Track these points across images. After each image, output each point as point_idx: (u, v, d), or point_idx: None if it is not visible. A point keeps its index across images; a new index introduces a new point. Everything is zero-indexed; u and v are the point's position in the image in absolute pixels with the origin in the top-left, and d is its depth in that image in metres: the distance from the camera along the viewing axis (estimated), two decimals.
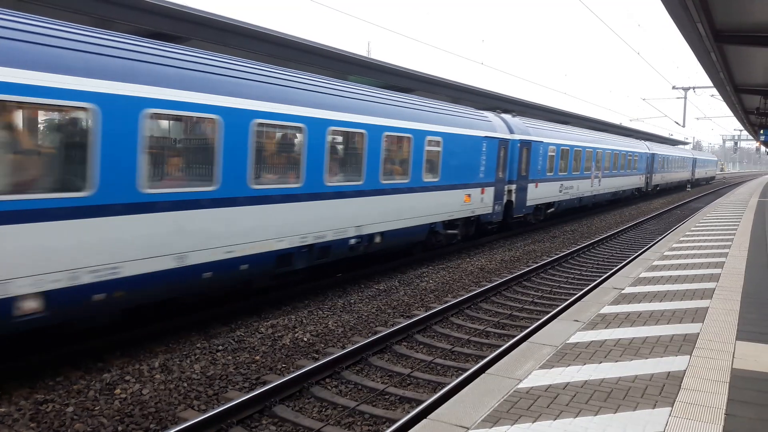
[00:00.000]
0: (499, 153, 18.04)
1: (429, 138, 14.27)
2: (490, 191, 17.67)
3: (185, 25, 11.50)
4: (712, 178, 78.90)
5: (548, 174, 22.17)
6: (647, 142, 41.31)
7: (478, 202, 17.08)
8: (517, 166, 19.48)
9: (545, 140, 21.60)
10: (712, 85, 19.95)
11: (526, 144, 20.14)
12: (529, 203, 20.78)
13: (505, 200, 18.91)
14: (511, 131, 19.19)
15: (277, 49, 13.65)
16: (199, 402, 6.93)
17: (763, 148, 55.43)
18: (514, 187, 19.50)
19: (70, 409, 6.47)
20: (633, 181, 35.75)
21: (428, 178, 14.44)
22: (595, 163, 27.62)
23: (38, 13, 8.06)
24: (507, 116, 20.02)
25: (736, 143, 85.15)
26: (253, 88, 9.36)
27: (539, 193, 21.59)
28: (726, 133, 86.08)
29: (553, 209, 23.49)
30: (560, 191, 23.63)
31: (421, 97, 15.66)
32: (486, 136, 17.10)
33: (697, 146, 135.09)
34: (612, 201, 33.42)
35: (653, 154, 40.26)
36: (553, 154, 22.34)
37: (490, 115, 18.64)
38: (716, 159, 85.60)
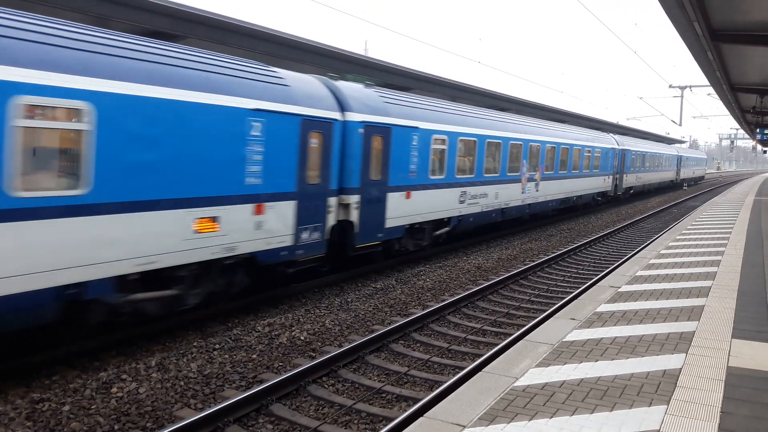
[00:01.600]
0: (303, 142, 10.56)
1: None
2: (279, 209, 10.14)
3: (183, 23, 11.49)
4: (701, 178, 71.32)
5: (434, 177, 14.91)
6: (617, 136, 34.64)
7: (247, 228, 9.51)
8: (358, 164, 12.03)
9: (425, 125, 14.34)
10: (708, 83, 20.01)
11: (381, 130, 12.69)
12: (392, 223, 13.28)
13: (331, 222, 11.58)
14: (344, 107, 11.84)
15: (276, 47, 13.66)
16: (196, 401, 6.93)
17: (759, 147, 55.60)
18: (354, 199, 12.02)
19: (67, 408, 6.46)
20: (594, 183, 28.56)
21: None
22: (530, 160, 20.67)
23: (37, 11, 8.03)
24: (344, 84, 12.41)
25: (732, 142, 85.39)
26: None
27: (415, 206, 14.14)
28: (722, 131, 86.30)
29: (447, 228, 15.94)
30: (461, 202, 16.29)
31: None
32: (260, 111, 9.54)
33: (694, 144, 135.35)
34: (563, 209, 26.65)
35: (624, 150, 33.53)
36: (442, 147, 15.17)
37: (286, 73, 10.81)
38: (705, 156, 76.06)
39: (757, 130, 29.94)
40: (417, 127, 13.99)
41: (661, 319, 7.62)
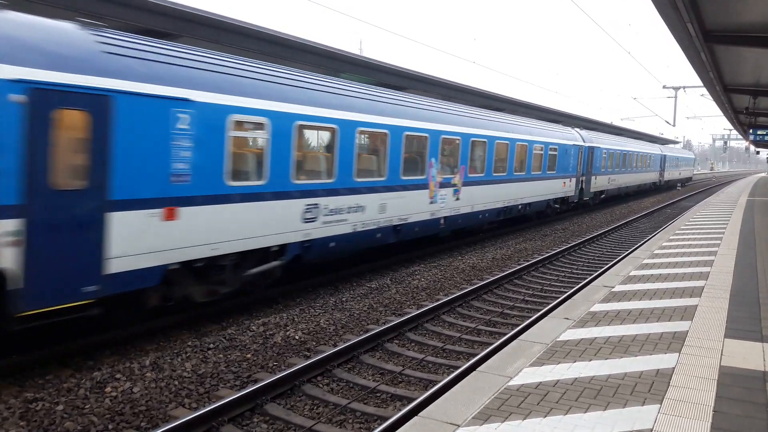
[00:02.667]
0: None
1: None
2: None
3: (178, 22, 11.47)
4: (689, 179, 65.39)
5: (240, 183, 9.50)
6: (584, 131, 29.11)
7: None
8: (13, 162, 6.75)
9: (212, 98, 8.89)
10: (702, 84, 20.09)
11: (87, 99, 7.38)
12: (125, 264, 7.89)
13: None
14: None
15: (271, 47, 13.65)
16: (190, 400, 6.92)
17: (752, 148, 55.88)
18: (6, 227, 6.71)
19: (60, 407, 6.44)
20: (549, 188, 23.19)
21: None
22: (443, 159, 15.40)
23: (32, 11, 7.99)
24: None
25: (725, 142, 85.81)
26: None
27: (191, 231, 8.75)
28: (716, 132, 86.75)
29: (279, 262, 10.53)
30: (309, 220, 10.93)
31: None
32: None
33: (687, 145, 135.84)
34: (507, 221, 21.25)
35: (592, 148, 28.22)
36: (258, 135, 9.91)
37: None
38: (693, 156, 68.63)
39: (750, 131, 30.01)
40: (189, 100, 8.48)
41: (655, 318, 7.66)
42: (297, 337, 9.09)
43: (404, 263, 14.88)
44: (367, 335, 8.82)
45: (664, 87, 42.56)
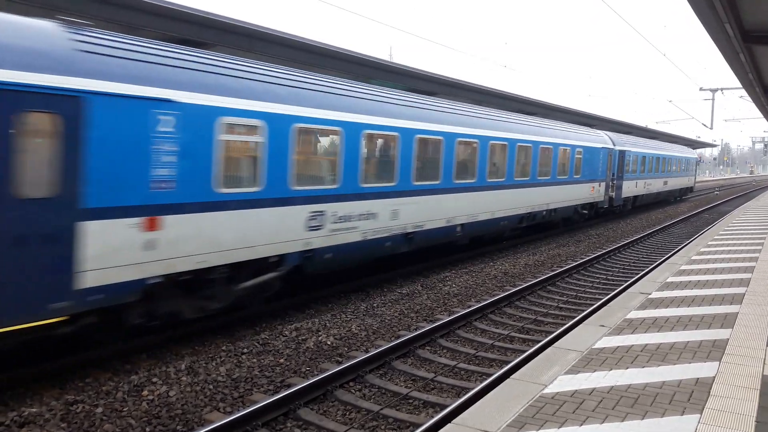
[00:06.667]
0: None
1: None
2: None
3: (212, 31, 11.69)
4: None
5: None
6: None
7: None
8: None
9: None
10: (741, 86, 19.61)
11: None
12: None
13: None
14: None
15: (303, 54, 13.80)
16: (225, 404, 7.00)
17: None
18: None
19: (100, 409, 6.59)
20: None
21: None
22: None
23: (71, 22, 8.23)
24: None
25: (766, 145, 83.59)
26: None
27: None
28: (756, 134, 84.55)
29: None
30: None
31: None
32: None
33: (726, 148, 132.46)
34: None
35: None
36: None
37: None
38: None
39: None
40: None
41: (693, 326, 7.48)
42: (329, 343, 9.13)
43: (435, 269, 14.84)
44: (399, 341, 8.81)
45: (700, 89, 41.60)
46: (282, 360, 8.36)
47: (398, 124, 12.31)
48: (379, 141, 12.11)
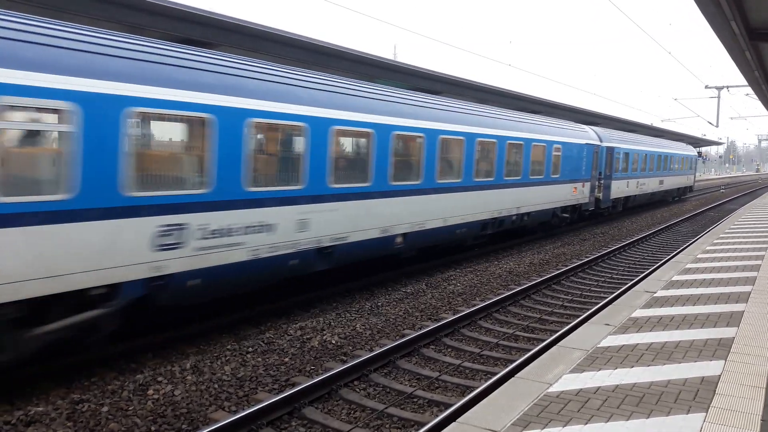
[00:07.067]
0: None
1: None
2: None
3: (217, 31, 11.71)
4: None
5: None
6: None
7: None
8: None
9: None
10: (747, 83, 19.54)
11: None
12: None
13: None
14: None
15: (307, 54, 13.81)
16: (230, 403, 7.02)
17: None
18: None
19: (105, 408, 6.61)
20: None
21: None
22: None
23: (74, 22, 8.25)
24: None
25: None
26: None
27: None
28: (762, 132, 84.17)
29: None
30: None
31: None
32: None
33: (732, 146, 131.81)
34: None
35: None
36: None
37: None
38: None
39: None
40: None
41: (699, 324, 7.46)
42: (333, 342, 9.13)
43: (440, 268, 14.83)
44: (404, 340, 8.81)
45: (706, 87, 41.45)
46: (287, 359, 8.38)
47: (305, 112, 9.61)
48: (279, 132, 9.42)
